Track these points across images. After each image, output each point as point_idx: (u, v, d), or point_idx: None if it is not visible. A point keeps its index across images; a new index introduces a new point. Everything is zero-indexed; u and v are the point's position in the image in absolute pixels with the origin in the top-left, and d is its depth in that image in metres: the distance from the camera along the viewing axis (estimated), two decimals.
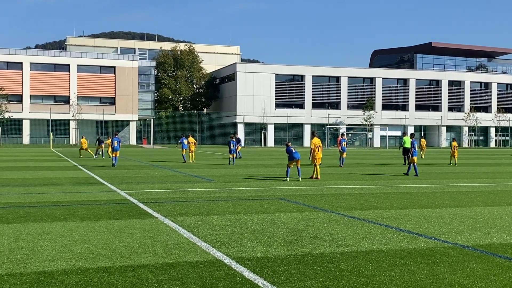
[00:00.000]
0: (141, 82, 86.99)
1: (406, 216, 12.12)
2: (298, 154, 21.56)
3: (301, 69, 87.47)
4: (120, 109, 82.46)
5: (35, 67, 79.46)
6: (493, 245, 9.06)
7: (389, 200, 15.10)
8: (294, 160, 21.44)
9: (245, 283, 6.63)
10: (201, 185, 18.94)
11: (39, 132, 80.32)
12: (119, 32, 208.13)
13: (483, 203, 14.66)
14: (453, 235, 9.93)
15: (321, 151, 22.57)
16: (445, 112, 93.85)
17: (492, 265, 7.68)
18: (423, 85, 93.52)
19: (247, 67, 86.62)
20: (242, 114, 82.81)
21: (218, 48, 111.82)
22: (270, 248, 8.60)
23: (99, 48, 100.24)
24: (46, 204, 13.64)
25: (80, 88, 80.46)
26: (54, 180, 20.75)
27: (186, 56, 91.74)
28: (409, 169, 24.56)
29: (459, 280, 6.85)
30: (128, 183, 19.45)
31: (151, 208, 13.05)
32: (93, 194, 16.09)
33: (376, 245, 8.92)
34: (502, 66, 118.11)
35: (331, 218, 11.73)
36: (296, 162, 21.49)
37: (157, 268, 7.32)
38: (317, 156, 22.24)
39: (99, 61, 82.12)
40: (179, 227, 10.40)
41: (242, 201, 14.69)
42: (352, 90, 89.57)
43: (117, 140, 29.69)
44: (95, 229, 10.19)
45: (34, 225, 10.57)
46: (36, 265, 7.42)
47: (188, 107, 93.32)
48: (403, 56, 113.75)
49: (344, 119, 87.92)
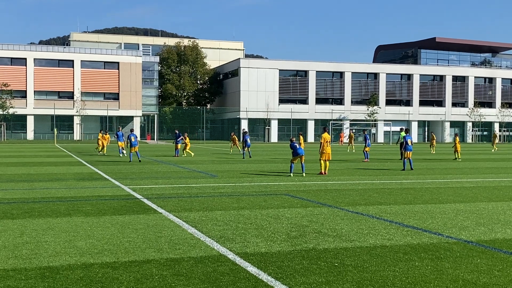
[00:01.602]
0: (144, 77, 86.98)
1: (410, 212, 12.12)
2: (302, 150, 21.55)
3: (304, 64, 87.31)
4: (124, 105, 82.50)
5: (39, 62, 79.53)
6: (498, 241, 9.05)
7: (393, 196, 15.10)
8: (298, 156, 21.43)
9: (249, 279, 6.64)
10: (205, 181, 18.96)
11: (43, 127, 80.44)
12: (123, 28, 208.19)
13: (487, 199, 14.64)
14: (457, 230, 9.92)
15: (329, 147, 22.42)
16: (449, 108, 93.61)
17: (496, 260, 7.68)
18: (427, 80, 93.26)
19: (251, 62, 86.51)
20: (245, 110, 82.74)
21: (222, 43, 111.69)
22: (274, 244, 8.61)
23: (103, 44, 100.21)
24: (51, 200, 13.68)
25: (84, 84, 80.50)
26: (59, 175, 20.80)
27: (190, 52, 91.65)
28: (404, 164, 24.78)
29: (463, 276, 6.85)
30: (132, 179, 19.48)
31: (155, 203, 13.08)
32: (98, 189, 16.13)
33: (380, 241, 8.92)
34: (506, 61, 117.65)
35: (335, 214, 11.73)
36: (300, 158, 21.48)
37: (161, 263, 7.34)
38: (325, 151, 22.12)
39: (103, 57, 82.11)
40: (183, 223, 10.42)
41: (246, 196, 14.70)
42: (355, 86, 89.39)
43: (133, 136, 30.46)
44: (100, 224, 10.21)
45: (38, 220, 10.60)
46: (41, 260, 7.45)
47: (191, 102, 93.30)
48: (407, 51, 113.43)
49: (347, 114, 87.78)
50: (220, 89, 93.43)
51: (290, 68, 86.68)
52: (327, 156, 22.22)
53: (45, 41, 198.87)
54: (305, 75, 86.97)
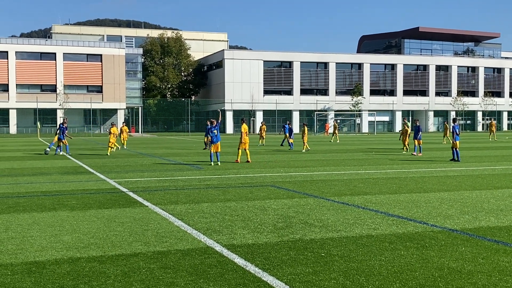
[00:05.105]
0: (128, 70, 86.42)
1: (395, 201, 12.22)
2: (218, 137, 22.20)
3: (289, 55, 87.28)
4: (108, 98, 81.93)
5: (21, 55, 78.65)
6: (481, 229, 9.16)
7: (378, 185, 15.20)
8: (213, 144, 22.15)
9: (237, 270, 6.66)
10: (191, 173, 18.93)
11: (26, 121, 79.68)
12: (105, 20, 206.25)
13: (471, 187, 14.80)
14: (442, 219, 10.03)
15: (248, 137, 24.33)
16: (433, 97, 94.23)
17: (481, 248, 7.78)
18: (410, 70, 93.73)
19: (235, 53, 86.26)
20: (230, 102, 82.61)
21: (206, 35, 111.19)
22: (261, 235, 8.64)
23: (85, 36, 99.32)
24: (35, 194, 13.58)
25: (66, 77, 79.77)
26: (43, 169, 20.65)
27: (173, 44, 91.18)
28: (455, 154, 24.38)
29: (448, 264, 6.93)
30: (117, 172, 19.40)
31: (141, 196, 13.04)
32: (83, 183, 16.03)
33: (366, 230, 8.99)
34: (488, 50, 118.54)
35: (321, 204, 11.79)
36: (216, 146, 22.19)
37: (148, 256, 7.34)
38: (244, 141, 23.81)
39: (86, 49, 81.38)
40: (170, 215, 10.41)
41: (232, 188, 14.71)
42: (340, 76, 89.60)
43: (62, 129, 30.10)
44: (85, 218, 10.17)
45: (23, 215, 10.53)
46: (27, 255, 7.41)
47: (176, 94, 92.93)
48: (391, 41, 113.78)
49: (332, 105, 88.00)
50: (204, 80, 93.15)
51: (274, 59, 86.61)
52: (246, 146, 23.89)
53: (27, 33, 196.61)
54: (289, 66, 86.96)
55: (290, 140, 34.69)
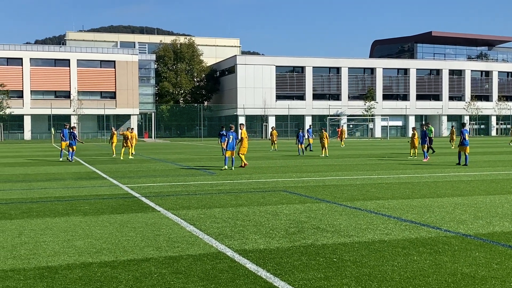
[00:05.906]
0: (141, 76, 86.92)
1: (408, 206, 12.13)
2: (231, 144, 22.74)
3: (301, 60, 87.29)
4: (121, 103, 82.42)
5: (35, 62, 79.41)
6: (495, 234, 9.06)
7: (391, 190, 15.11)
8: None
9: (248, 275, 6.64)
10: (203, 178, 18.95)
11: (40, 127, 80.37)
12: (119, 26, 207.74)
13: (485, 192, 14.66)
14: (455, 224, 9.94)
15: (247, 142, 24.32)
16: (446, 102, 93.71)
17: (495, 253, 7.69)
18: (423, 74, 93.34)
19: (247, 59, 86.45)
20: (243, 107, 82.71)
21: (218, 40, 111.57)
22: (273, 240, 8.61)
23: (99, 43, 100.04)
24: (49, 199, 13.66)
25: (80, 83, 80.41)
26: (56, 175, 20.78)
27: (186, 49, 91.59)
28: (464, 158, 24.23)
29: (461, 269, 6.87)
30: (130, 177, 19.47)
31: (153, 201, 13.07)
32: (95, 188, 16.11)
33: (379, 236, 8.93)
34: (502, 55, 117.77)
35: (333, 209, 11.74)
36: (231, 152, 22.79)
37: (160, 261, 7.34)
38: (244, 145, 23.95)
39: (99, 56, 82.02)
40: (182, 220, 10.42)
41: (244, 193, 14.70)
42: (352, 81, 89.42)
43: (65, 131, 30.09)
44: (98, 223, 10.21)
45: (37, 220, 10.59)
46: (40, 260, 7.45)
47: (188, 100, 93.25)
48: (403, 46, 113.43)
49: (345, 110, 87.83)
50: (217, 86, 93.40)
51: (286, 64, 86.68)
52: (245, 150, 24.02)
53: (41, 40, 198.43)
54: (302, 71, 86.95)
55: (300, 146, 34.37)
